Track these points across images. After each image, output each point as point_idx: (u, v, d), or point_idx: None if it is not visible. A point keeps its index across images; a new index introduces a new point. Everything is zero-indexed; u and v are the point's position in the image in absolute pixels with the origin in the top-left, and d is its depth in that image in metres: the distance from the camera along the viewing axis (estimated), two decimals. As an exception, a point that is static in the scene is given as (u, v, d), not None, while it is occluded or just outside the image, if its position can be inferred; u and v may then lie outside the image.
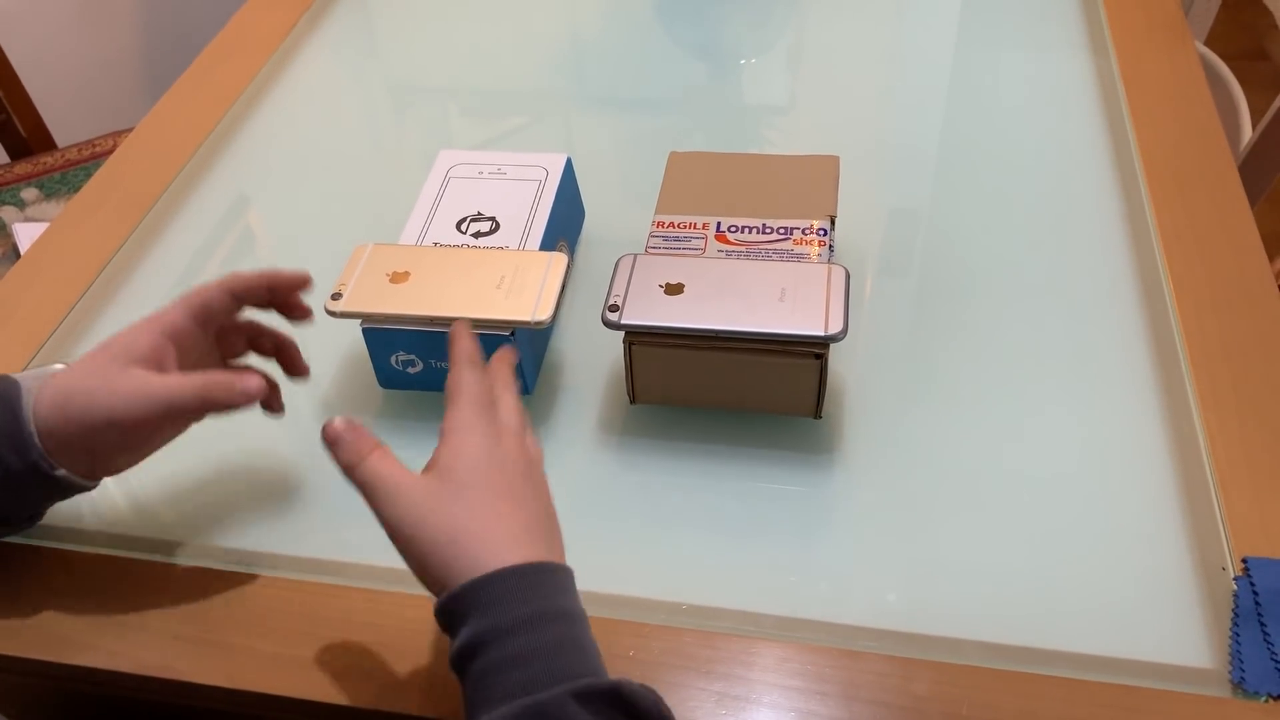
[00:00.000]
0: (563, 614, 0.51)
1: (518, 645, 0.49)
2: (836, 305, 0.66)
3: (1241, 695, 0.56)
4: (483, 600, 0.50)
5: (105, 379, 0.58)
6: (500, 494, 0.54)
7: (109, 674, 0.61)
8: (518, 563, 0.51)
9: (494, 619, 0.49)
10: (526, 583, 0.51)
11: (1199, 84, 0.97)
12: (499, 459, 0.55)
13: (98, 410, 0.57)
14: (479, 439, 0.55)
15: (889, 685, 0.58)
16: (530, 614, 0.50)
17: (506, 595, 0.50)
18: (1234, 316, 0.75)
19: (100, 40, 1.99)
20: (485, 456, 0.55)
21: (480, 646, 0.49)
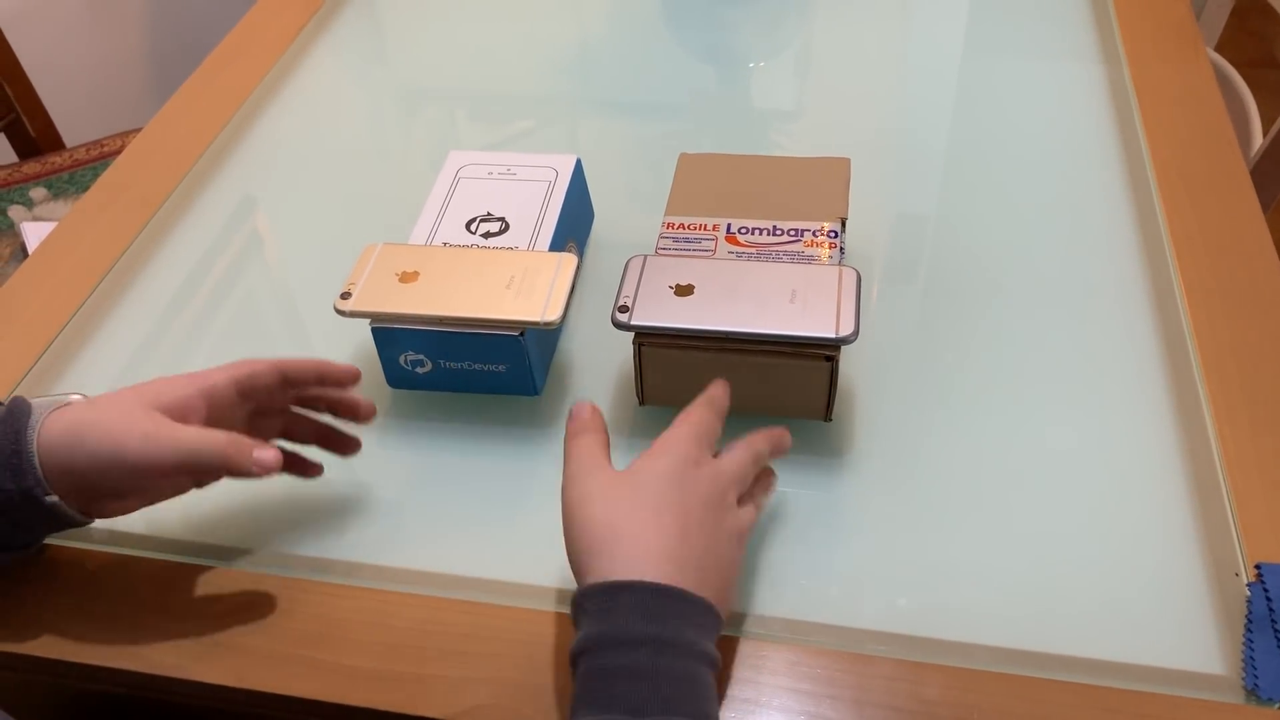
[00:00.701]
0: (679, 645, 0.50)
1: (627, 660, 0.49)
2: (848, 307, 0.66)
3: (1255, 702, 0.56)
4: (609, 605, 0.51)
5: (125, 416, 0.57)
6: (667, 510, 0.54)
7: (117, 673, 0.61)
8: (655, 580, 0.51)
9: (611, 627, 0.50)
10: (655, 603, 0.51)
11: (1211, 90, 0.97)
12: (684, 480, 0.56)
13: (110, 444, 0.56)
14: (675, 458, 0.56)
15: (899, 689, 0.57)
16: (648, 635, 0.50)
17: (633, 608, 0.50)
18: (1246, 322, 0.75)
19: (109, 41, 2.00)
20: (673, 473, 0.56)
21: (592, 649, 0.50)
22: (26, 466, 0.56)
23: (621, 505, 0.54)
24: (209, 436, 0.57)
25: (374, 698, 0.58)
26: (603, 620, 0.50)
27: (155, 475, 0.58)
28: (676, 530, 0.53)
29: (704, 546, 0.54)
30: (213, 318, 0.83)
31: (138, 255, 0.89)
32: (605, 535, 0.53)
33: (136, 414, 0.57)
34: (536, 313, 0.68)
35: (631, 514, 0.54)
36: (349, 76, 1.11)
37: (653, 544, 0.53)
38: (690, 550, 0.53)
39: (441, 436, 0.73)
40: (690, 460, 0.57)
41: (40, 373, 0.79)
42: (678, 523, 0.54)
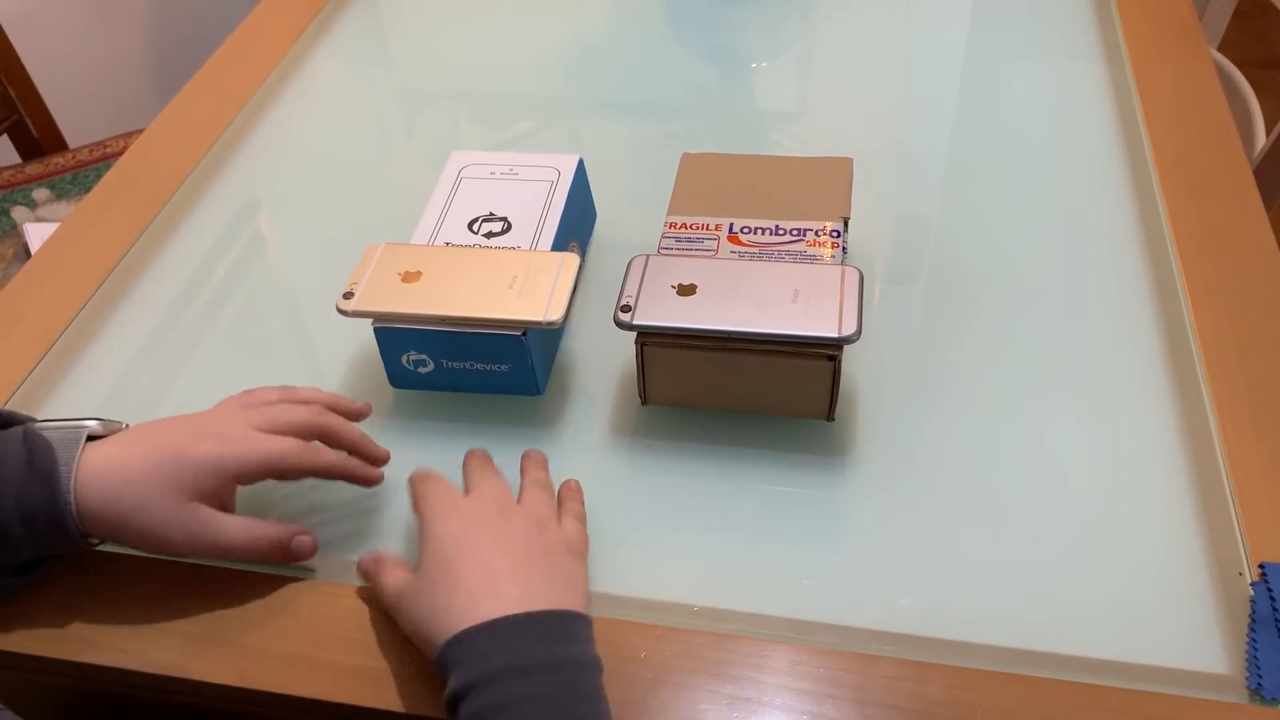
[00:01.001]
0: (530, 667, 0.52)
1: (480, 702, 0.51)
2: (850, 307, 0.66)
3: (1258, 701, 0.56)
4: (451, 661, 0.53)
5: (165, 508, 0.59)
6: (460, 560, 0.57)
7: (121, 672, 0.61)
8: (475, 623, 0.53)
9: (459, 678, 0.52)
10: (480, 642, 0.53)
11: (1214, 90, 0.97)
12: (456, 531, 0.58)
13: (153, 540, 0.60)
14: (438, 521, 0.59)
15: (902, 689, 0.57)
16: (486, 672, 0.52)
17: (466, 656, 0.53)
18: (1250, 322, 0.75)
19: (112, 42, 2.00)
20: (445, 534, 0.58)
21: (456, 703, 0.52)
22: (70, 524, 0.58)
23: (426, 592, 0.57)
24: (242, 538, 0.61)
25: (375, 697, 0.58)
26: (456, 673, 0.52)
27: (191, 557, 0.64)
28: (473, 572, 0.56)
29: (506, 562, 0.57)
30: (215, 318, 0.83)
31: (140, 256, 0.89)
32: (427, 618, 0.56)
33: (177, 507, 0.59)
34: (539, 312, 0.68)
35: (433, 592, 0.56)
36: (351, 77, 1.11)
37: (461, 599, 0.55)
38: (496, 572, 0.56)
39: (444, 436, 0.72)
40: (447, 520, 0.59)
41: (43, 373, 0.79)
42: (472, 565, 0.56)
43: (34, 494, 0.57)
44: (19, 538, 0.58)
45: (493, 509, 0.60)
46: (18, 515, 0.57)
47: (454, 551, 0.57)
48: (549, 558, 0.58)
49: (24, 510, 0.57)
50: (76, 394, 0.77)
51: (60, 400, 0.77)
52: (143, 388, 0.78)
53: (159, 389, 0.78)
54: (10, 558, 0.59)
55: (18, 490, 0.57)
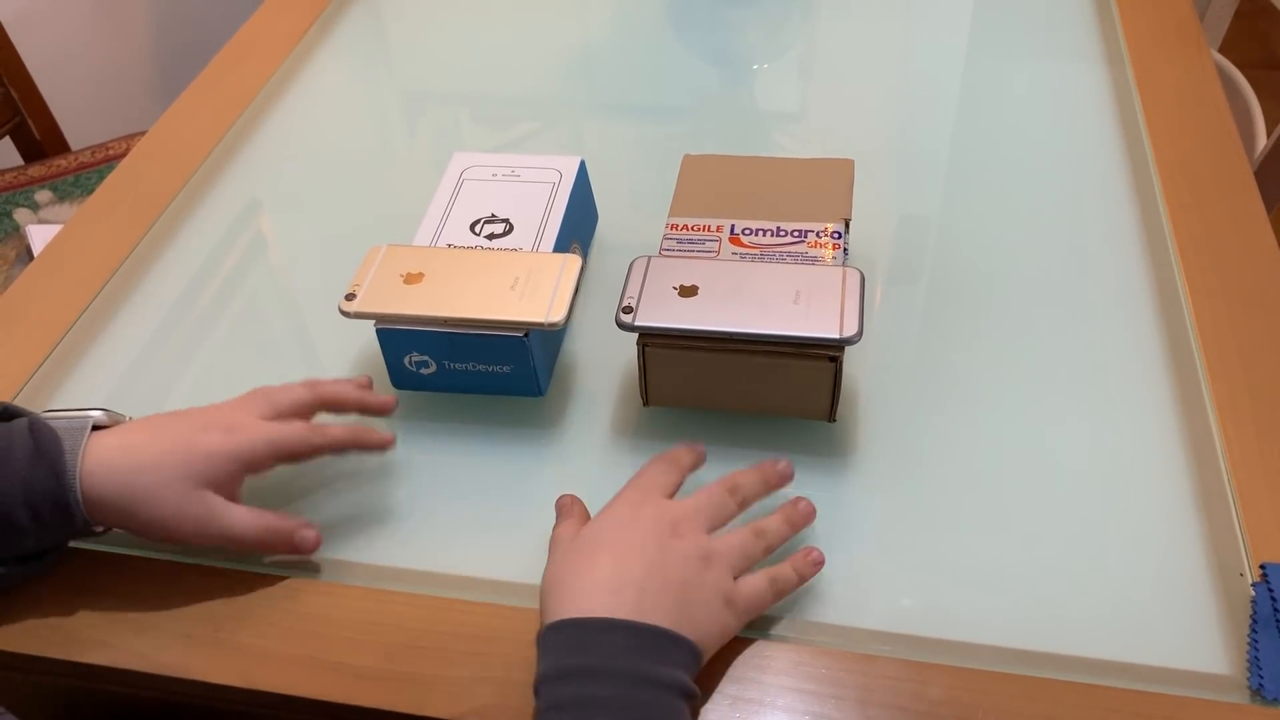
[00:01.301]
0: (618, 674, 0.52)
1: (563, 694, 0.52)
2: (851, 308, 0.66)
3: (1259, 702, 0.56)
4: (546, 644, 0.54)
5: (174, 495, 0.60)
6: (604, 549, 0.57)
7: (122, 673, 0.61)
8: (587, 615, 0.54)
9: (548, 664, 0.53)
10: (580, 635, 0.53)
11: (1214, 90, 0.97)
12: (617, 520, 0.59)
13: (160, 526, 0.60)
14: (615, 502, 0.61)
15: (903, 689, 0.57)
16: (580, 666, 0.52)
17: (561, 642, 0.53)
18: (1251, 322, 0.75)
19: (114, 44, 2.00)
20: (606, 518, 0.60)
21: (540, 685, 0.53)
22: (72, 513, 0.58)
23: (564, 560, 0.58)
24: (249, 527, 0.61)
25: (378, 698, 0.58)
26: (544, 658, 0.53)
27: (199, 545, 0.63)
28: (606, 562, 0.56)
29: (643, 572, 0.56)
30: (218, 319, 0.83)
31: (143, 257, 0.89)
32: (550, 589, 0.57)
33: (186, 494, 0.60)
34: (541, 314, 0.68)
35: (564, 564, 0.58)
36: (354, 79, 1.12)
37: (583, 583, 0.55)
38: (626, 576, 0.55)
39: (446, 437, 0.73)
40: (631, 503, 0.60)
41: (46, 374, 0.79)
42: (609, 557, 0.57)
43: (40, 480, 0.58)
44: (24, 524, 0.58)
45: (669, 521, 0.58)
46: (23, 501, 0.57)
47: (604, 538, 0.58)
48: (690, 591, 0.56)
49: (29, 496, 0.57)
50: (79, 395, 0.77)
51: (63, 400, 0.77)
52: (145, 389, 0.78)
53: (161, 390, 0.78)
54: (15, 545, 0.60)
55: (23, 476, 0.58)
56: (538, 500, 0.68)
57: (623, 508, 0.60)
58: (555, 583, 0.56)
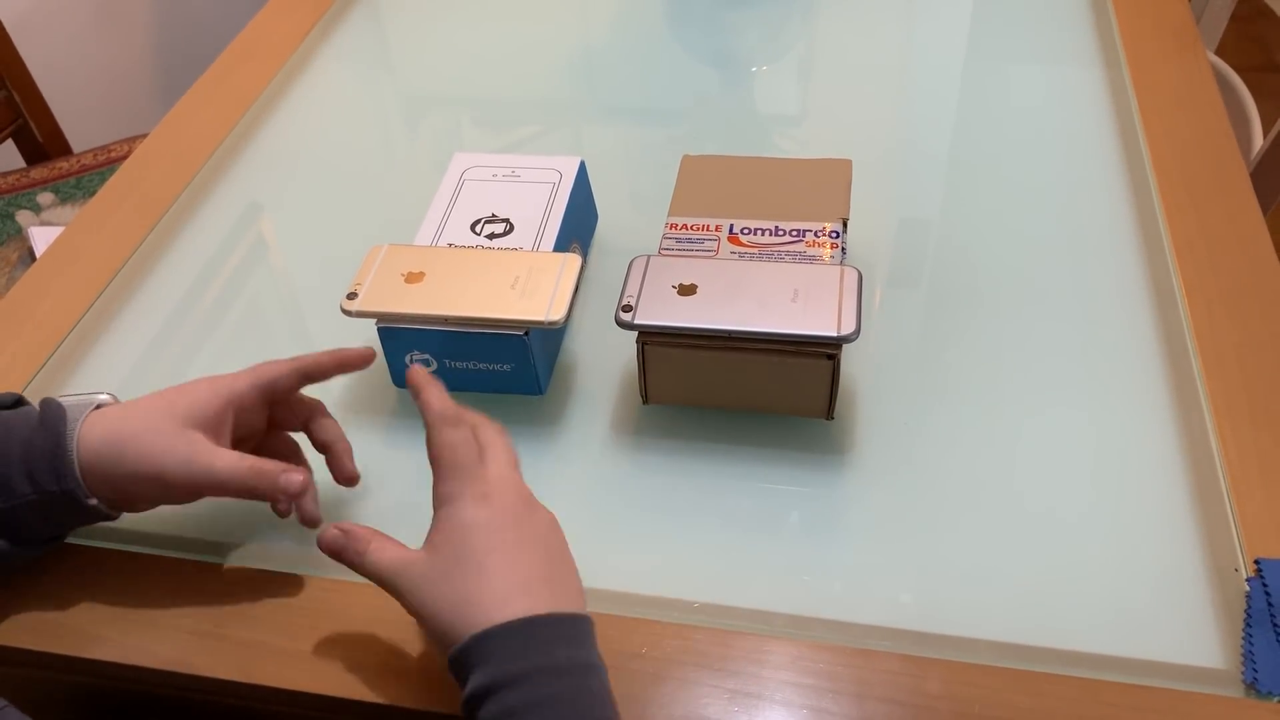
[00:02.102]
0: (557, 668, 0.51)
1: (512, 699, 0.50)
2: (849, 306, 0.66)
3: (1254, 695, 0.56)
4: (480, 656, 0.51)
5: (163, 435, 0.60)
6: (495, 552, 0.54)
7: (124, 668, 0.61)
8: (512, 618, 0.52)
9: (490, 674, 0.50)
10: (519, 638, 0.51)
11: (1210, 92, 0.97)
12: (486, 521, 0.55)
13: (150, 463, 0.59)
14: (467, 505, 0.56)
15: (901, 684, 0.58)
16: (524, 669, 0.51)
17: (500, 650, 0.51)
18: (1246, 321, 0.75)
19: (116, 47, 2.01)
20: (473, 522, 0.55)
21: (480, 700, 0.50)
22: (67, 469, 0.58)
23: (453, 578, 0.54)
24: (236, 466, 0.60)
25: (379, 692, 0.59)
26: (481, 671, 0.51)
27: (187, 491, 0.62)
28: (505, 565, 0.54)
29: (533, 560, 0.55)
30: (219, 319, 0.84)
31: (144, 258, 0.89)
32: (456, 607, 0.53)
33: (173, 433, 0.60)
34: (541, 312, 0.69)
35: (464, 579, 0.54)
36: (355, 81, 1.12)
37: (495, 590, 0.53)
38: (530, 572, 0.54)
39: (447, 436, 0.73)
40: (478, 498, 0.56)
41: (48, 375, 0.79)
42: (504, 559, 0.54)
43: (39, 442, 0.59)
44: (21, 489, 0.58)
45: (519, 500, 0.57)
46: (20, 460, 0.58)
47: (485, 544, 0.54)
48: (565, 559, 0.57)
49: (28, 457, 0.58)
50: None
51: (66, 400, 0.77)
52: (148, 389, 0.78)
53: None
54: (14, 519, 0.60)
55: (25, 439, 0.59)
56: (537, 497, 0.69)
57: (470, 512, 0.55)
58: (449, 604, 0.53)
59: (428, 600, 0.54)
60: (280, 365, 0.65)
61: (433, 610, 0.54)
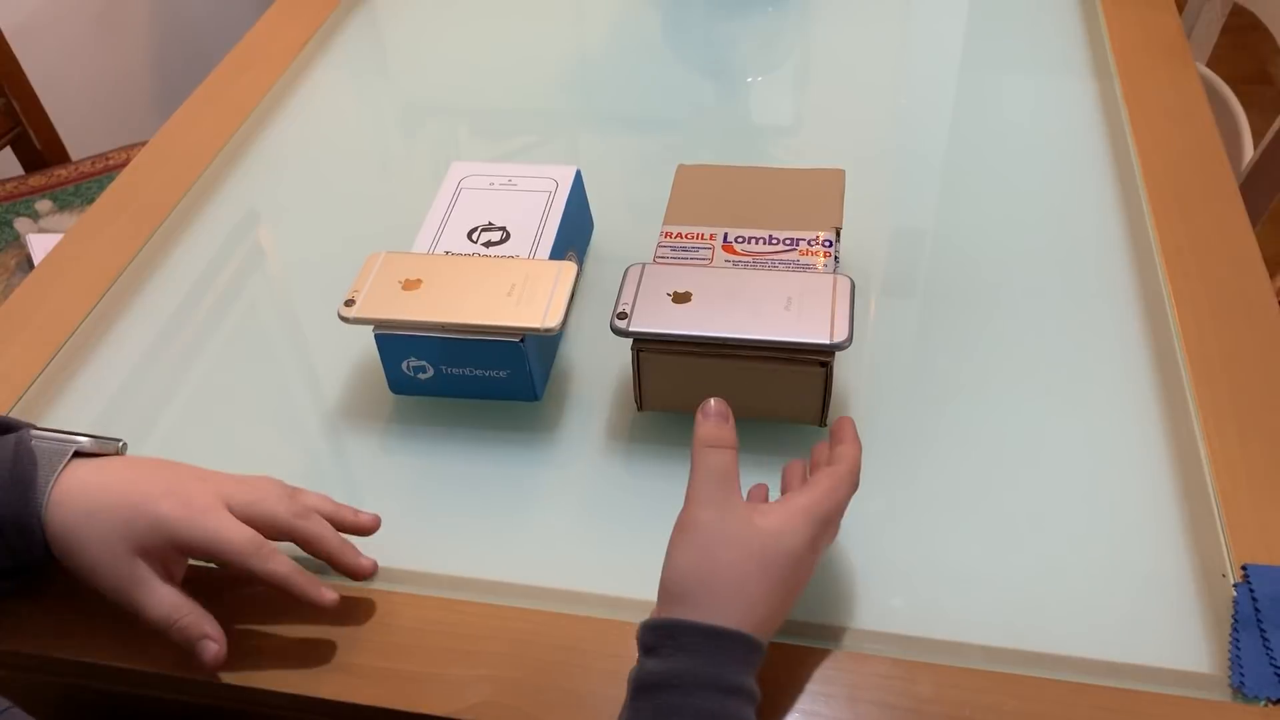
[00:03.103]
0: (751, 693, 0.52)
1: (715, 703, 0.50)
2: (842, 314, 0.67)
3: (1240, 699, 0.57)
4: (670, 642, 0.52)
5: (111, 555, 0.58)
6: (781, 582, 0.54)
7: (121, 671, 0.62)
8: (745, 631, 0.52)
9: (671, 665, 0.51)
10: (750, 657, 0.52)
11: (1200, 104, 0.98)
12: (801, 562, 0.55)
13: (87, 575, 0.59)
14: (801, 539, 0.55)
15: (893, 687, 0.58)
16: (743, 686, 0.51)
17: (692, 650, 0.51)
18: (1234, 330, 0.76)
19: (115, 55, 2.01)
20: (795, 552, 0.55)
21: (674, 682, 0.51)
22: (33, 544, 0.59)
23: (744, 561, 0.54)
24: (159, 610, 0.58)
25: (375, 696, 0.59)
26: (690, 657, 0.51)
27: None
28: (778, 599, 0.54)
29: (784, 603, 0.55)
30: (217, 327, 0.84)
31: (143, 266, 0.90)
32: (713, 581, 0.53)
33: (119, 555, 0.58)
34: (537, 319, 0.69)
35: (744, 570, 0.54)
36: (353, 91, 1.13)
37: (758, 607, 0.53)
38: (775, 611, 0.54)
39: (443, 442, 0.74)
40: (810, 543, 0.55)
41: (46, 382, 0.80)
42: (779, 591, 0.54)
43: (9, 502, 0.58)
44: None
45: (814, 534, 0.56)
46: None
47: (747, 546, 0.54)
48: (797, 586, 0.56)
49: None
50: (79, 403, 0.78)
51: (62, 409, 0.78)
52: (145, 396, 0.79)
53: (161, 398, 0.79)
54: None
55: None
56: (533, 504, 0.70)
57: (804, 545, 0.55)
58: (679, 569, 0.54)
59: (691, 547, 0.54)
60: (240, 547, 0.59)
61: (683, 562, 0.54)
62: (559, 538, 0.68)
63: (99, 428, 0.75)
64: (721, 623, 0.52)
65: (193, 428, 0.76)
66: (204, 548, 0.59)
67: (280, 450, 0.74)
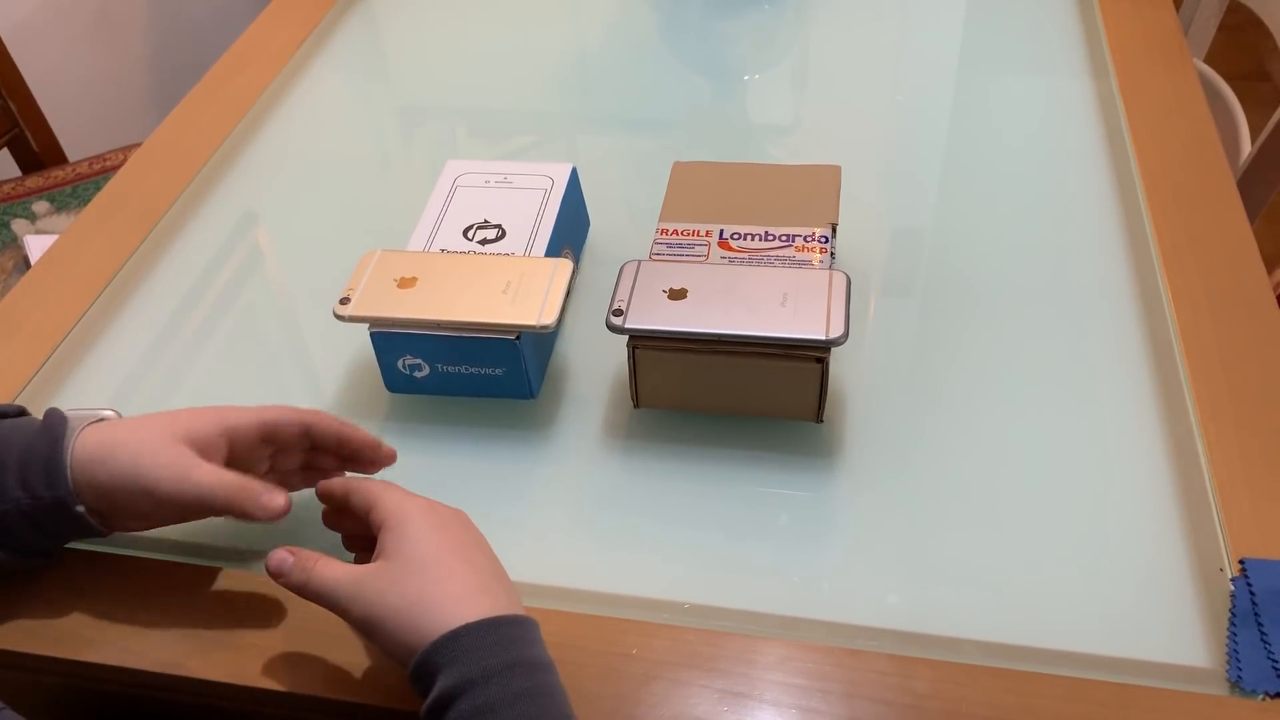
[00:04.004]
0: (529, 664, 0.52)
1: (488, 695, 0.50)
2: (838, 310, 0.67)
3: (1238, 693, 0.57)
4: (450, 655, 0.51)
5: (152, 446, 0.59)
6: (450, 555, 0.55)
7: (119, 671, 0.62)
8: (479, 618, 0.52)
9: (462, 672, 0.51)
10: (490, 636, 0.52)
11: (1197, 101, 0.98)
12: (439, 524, 0.57)
13: (132, 468, 0.59)
14: (416, 512, 0.57)
15: (890, 684, 0.58)
16: (497, 665, 0.51)
17: (473, 648, 0.51)
18: (1232, 325, 0.76)
19: (112, 56, 2.01)
20: (426, 527, 0.56)
21: (452, 699, 0.50)
22: (59, 477, 0.58)
23: (410, 581, 0.54)
24: (220, 482, 0.59)
25: (373, 694, 0.59)
26: (450, 671, 0.51)
27: (172, 505, 0.60)
28: (463, 568, 0.55)
29: (485, 567, 0.56)
30: (214, 326, 0.84)
31: (139, 266, 0.90)
32: (415, 607, 0.54)
33: (162, 443, 0.59)
34: (532, 316, 0.69)
35: (424, 581, 0.54)
36: (349, 91, 1.13)
37: (456, 591, 0.54)
38: (485, 578, 0.55)
39: (439, 440, 0.74)
40: (424, 505, 0.58)
41: (42, 382, 0.80)
42: (462, 562, 0.56)
43: (37, 447, 0.59)
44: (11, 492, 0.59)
45: (456, 513, 0.59)
46: (17, 467, 0.59)
47: (440, 548, 0.55)
48: (496, 560, 0.58)
49: (24, 461, 0.59)
50: (76, 403, 0.78)
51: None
52: (142, 396, 0.79)
53: (158, 397, 0.79)
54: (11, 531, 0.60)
55: (24, 445, 0.59)
56: (529, 501, 0.69)
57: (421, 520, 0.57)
58: (408, 607, 0.53)
59: (386, 608, 0.54)
60: (286, 413, 0.63)
61: (392, 616, 0.54)
62: (555, 535, 0.68)
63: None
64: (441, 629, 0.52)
65: (188, 427, 0.76)
66: (252, 421, 0.62)
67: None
